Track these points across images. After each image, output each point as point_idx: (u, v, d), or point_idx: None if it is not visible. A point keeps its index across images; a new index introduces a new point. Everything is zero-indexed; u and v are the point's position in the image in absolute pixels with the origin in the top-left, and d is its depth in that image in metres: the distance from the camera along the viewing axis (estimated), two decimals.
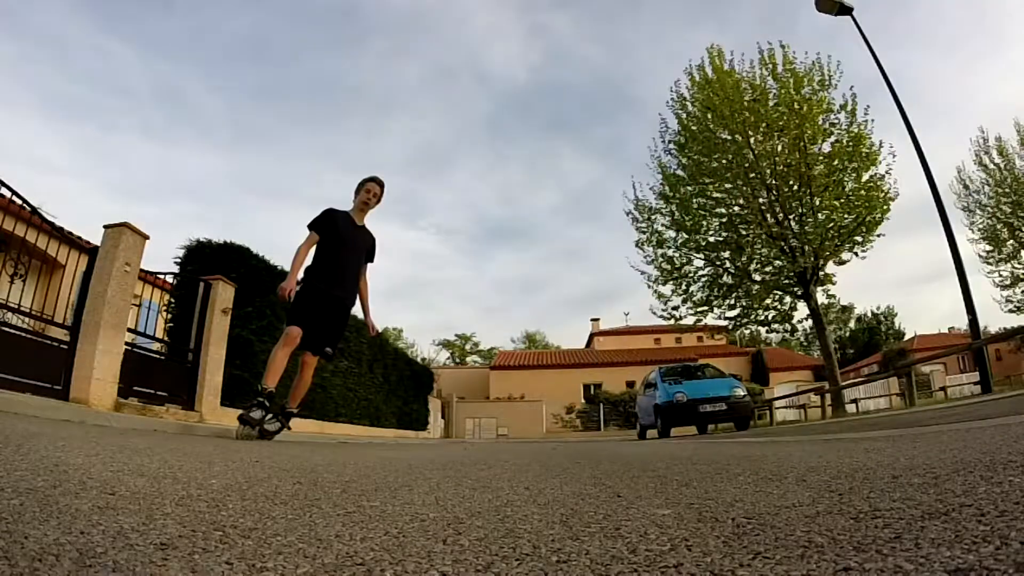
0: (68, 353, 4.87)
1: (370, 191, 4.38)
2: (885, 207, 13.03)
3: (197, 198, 73.69)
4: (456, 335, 52.87)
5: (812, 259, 13.13)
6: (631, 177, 20.74)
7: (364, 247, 4.48)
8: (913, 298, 70.36)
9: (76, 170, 62.47)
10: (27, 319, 5.05)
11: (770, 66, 13.92)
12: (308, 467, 1.92)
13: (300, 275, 4.18)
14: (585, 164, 77.62)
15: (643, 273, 15.62)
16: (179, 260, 8.00)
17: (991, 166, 21.13)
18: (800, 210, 13.59)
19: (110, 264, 5.10)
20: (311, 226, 4.25)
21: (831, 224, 13.08)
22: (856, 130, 13.12)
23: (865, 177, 13.18)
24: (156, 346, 6.75)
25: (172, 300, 7.20)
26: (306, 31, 66.78)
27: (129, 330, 5.69)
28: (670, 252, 15.26)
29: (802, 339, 42.51)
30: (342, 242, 4.28)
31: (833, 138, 13.45)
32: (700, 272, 15.17)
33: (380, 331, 4.60)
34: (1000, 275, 20.86)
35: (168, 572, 0.49)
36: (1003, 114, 53.84)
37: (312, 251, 4.26)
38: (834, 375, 13.69)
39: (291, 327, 4.06)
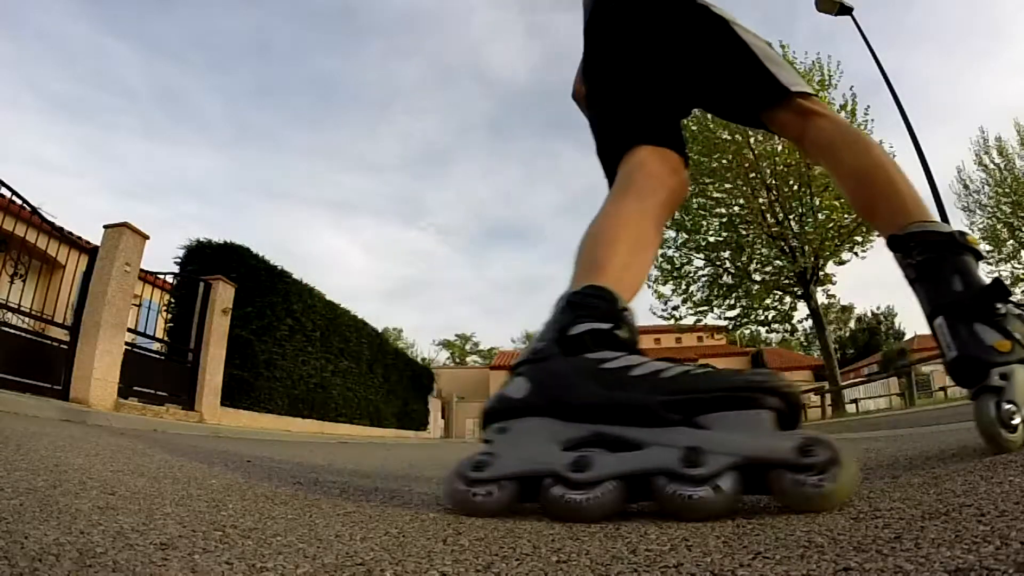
0: (68, 353, 4.87)
1: None
2: None
3: (197, 198, 73.94)
4: (456, 335, 53.04)
5: (812, 259, 13.14)
6: None
7: None
8: (914, 298, 70.42)
9: (76, 170, 62.61)
10: (27, 319, 5.05)
11: None
12: (308, 467, 1.92)
13: None
14: (585, 164, 77.68)
15: None
16: (179, 260, 8.03)
17: (991, 166, 21.16)
18: (800, 210, 13.60)
19: (110, 264, 5.10)
20: None
21: (831, 224, 13.09)
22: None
23: None
24: (156, 346, 6.76)
25: (172, 300, 7.22)
26: (306, 31, 66.85)
27: (129, 330, 5.69)
28: (670, 252, 15.30)
29: (802, 339, 42.53)
30: None
31: None
32: (700, 272, 15.20)
33: None
34: (1000, 275, 20.89)
35: (168, 572, 0.49)
36: (1003, 114, 53.87)
37: None
38: (834, 375, 13.69)
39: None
